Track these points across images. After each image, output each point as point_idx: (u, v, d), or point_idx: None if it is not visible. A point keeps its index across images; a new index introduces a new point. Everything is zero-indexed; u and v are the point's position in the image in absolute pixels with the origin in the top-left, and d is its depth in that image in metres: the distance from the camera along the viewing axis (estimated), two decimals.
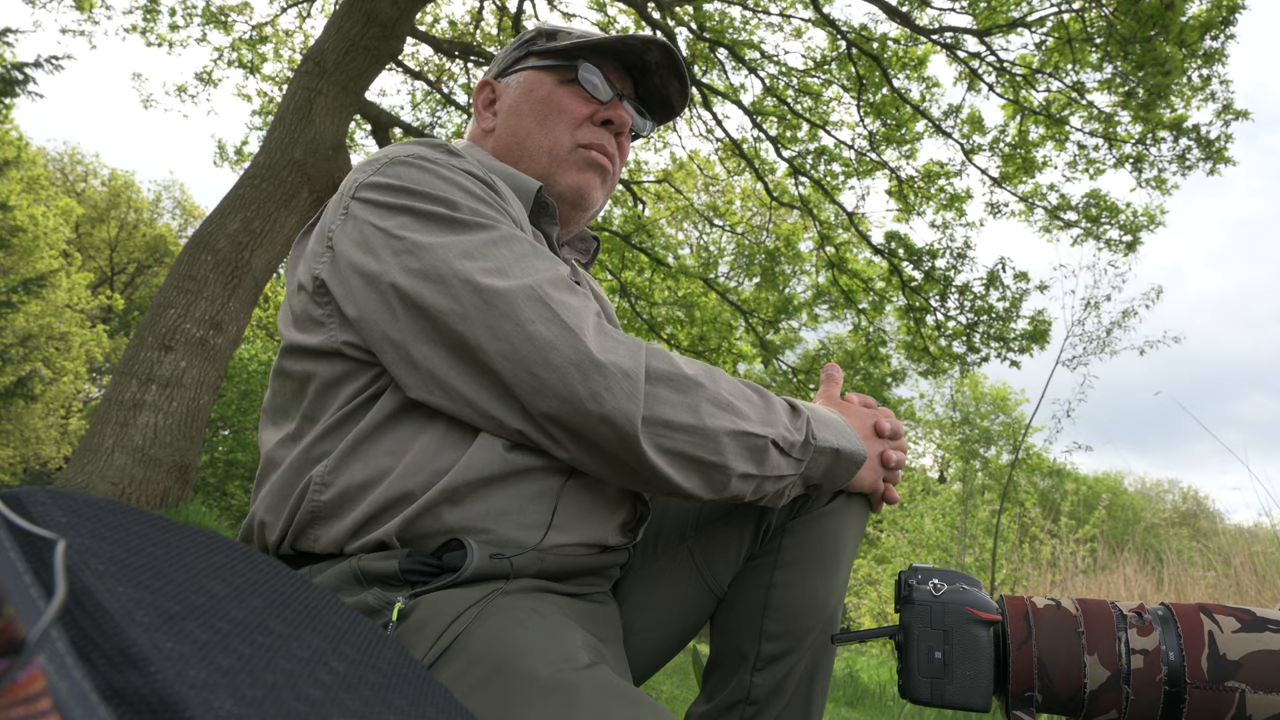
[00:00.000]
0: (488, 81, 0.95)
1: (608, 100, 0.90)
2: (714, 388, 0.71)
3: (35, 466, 14.82)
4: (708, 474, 0.70)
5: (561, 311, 0.68)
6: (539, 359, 0.66)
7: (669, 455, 0.68)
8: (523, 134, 0.89)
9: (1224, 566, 3.61)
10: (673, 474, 0.69)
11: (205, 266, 4.89)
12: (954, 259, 7.98)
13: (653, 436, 0.67)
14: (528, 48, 0.93)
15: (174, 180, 28.58)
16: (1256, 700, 0.53)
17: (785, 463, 0.74)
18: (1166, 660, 0.57)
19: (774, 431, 0.73)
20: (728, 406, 0.71)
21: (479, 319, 0.67)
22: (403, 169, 0.76)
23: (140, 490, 4.42)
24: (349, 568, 0.69)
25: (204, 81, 8.82)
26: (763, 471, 0.73)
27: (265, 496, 0.75)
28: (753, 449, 0.71)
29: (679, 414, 0.68)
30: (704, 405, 0.70)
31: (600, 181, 0.91)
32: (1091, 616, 0.62)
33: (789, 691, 0.84)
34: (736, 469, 0.71)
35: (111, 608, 0.29)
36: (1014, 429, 20.46)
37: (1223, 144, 6.51)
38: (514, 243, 0.72)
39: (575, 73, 0.89)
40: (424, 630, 0.63)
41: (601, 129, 0.90)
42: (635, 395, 0.66)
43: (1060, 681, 0.62)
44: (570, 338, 0.67)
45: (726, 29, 8.02)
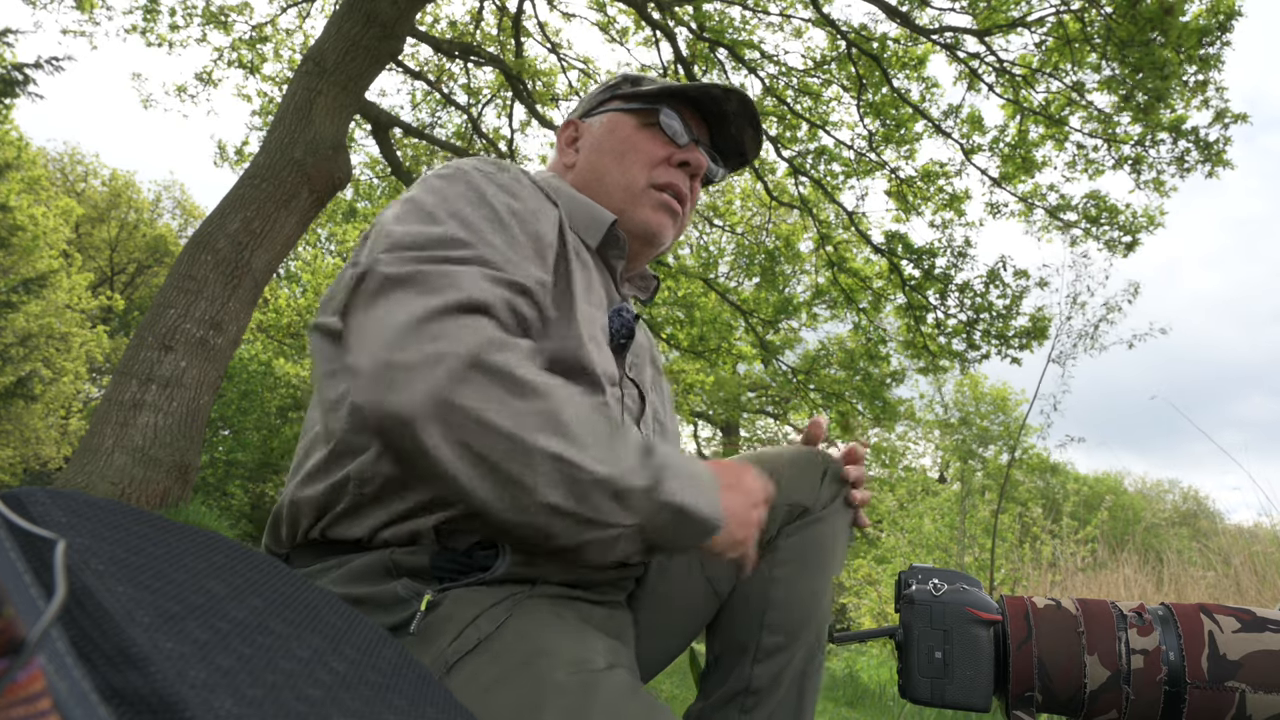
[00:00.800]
0: (572, 121, 1.00)
1: (685, 144, 0.94)
2: (554, 404, 0.63)
3: (35, 466, 14.82)
4: (509, 489, 0.62)
5: (418, 295, 0.65)
6: (357, 353, 0.64)
7: (466, 453, 0.60)
8: (602, 170, 0.93)
9: (1224, 566, 3.61)
10: (464, 474, 0.61)
11: (205, 266, 4.89)
12: (954, 258, 7.98)
13: (456, 428, 0.60)
14: (612, 92, 0.98)
15: (174, 180, 28.59)
16: (1257, 700, 0.53)
17: (615, 510, 0.64)
18: (1167, 660, 0.57)
19: (606, 470, 0.63)
20: (560, 429, 0.62)
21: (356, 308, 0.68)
22: (436, 179, 0.79)
23: (140, 490, 4.42)
24: (380, 559, 0.71)
25: (204, 81, 8.82)
26: (581, 511, 0.63)
27: (307, 478, 0.76)
28: (571, 481, 0.62)
29: (497, 415, 0.61)
30: (531, 416, 0.62)
31: (671, 222, 0.95)
32: (1092, 616, 0.62)
33: (784, 685, 0.88)
34: (545, 497, 0.62)
35: (111, 608, 0.29)
36: (1012, 429, 20.47)
37: (1221, 147, 6.51)
38: (454, 245, 0.70)
39: (656, 116, 0.93)
40: (450, 622, 0.67)
41: (677, 170, 0.94)
42: (432, 381, 0.60)
43: (1060, 681, 0.62)
44: (393, 322, 0.63)
45: (726, 29, 8.02)
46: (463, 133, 9.52)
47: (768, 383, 14.11)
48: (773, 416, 16.98)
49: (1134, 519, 13.41)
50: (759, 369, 12.07)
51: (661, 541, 0.68)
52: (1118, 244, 7.44)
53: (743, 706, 0.87)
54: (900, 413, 13.05)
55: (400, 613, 0.69)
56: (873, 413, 10.23)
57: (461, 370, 0.60)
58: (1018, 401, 20.93)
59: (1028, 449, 14.34)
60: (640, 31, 8.75)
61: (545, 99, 9.01)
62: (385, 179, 11.13)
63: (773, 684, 0.87)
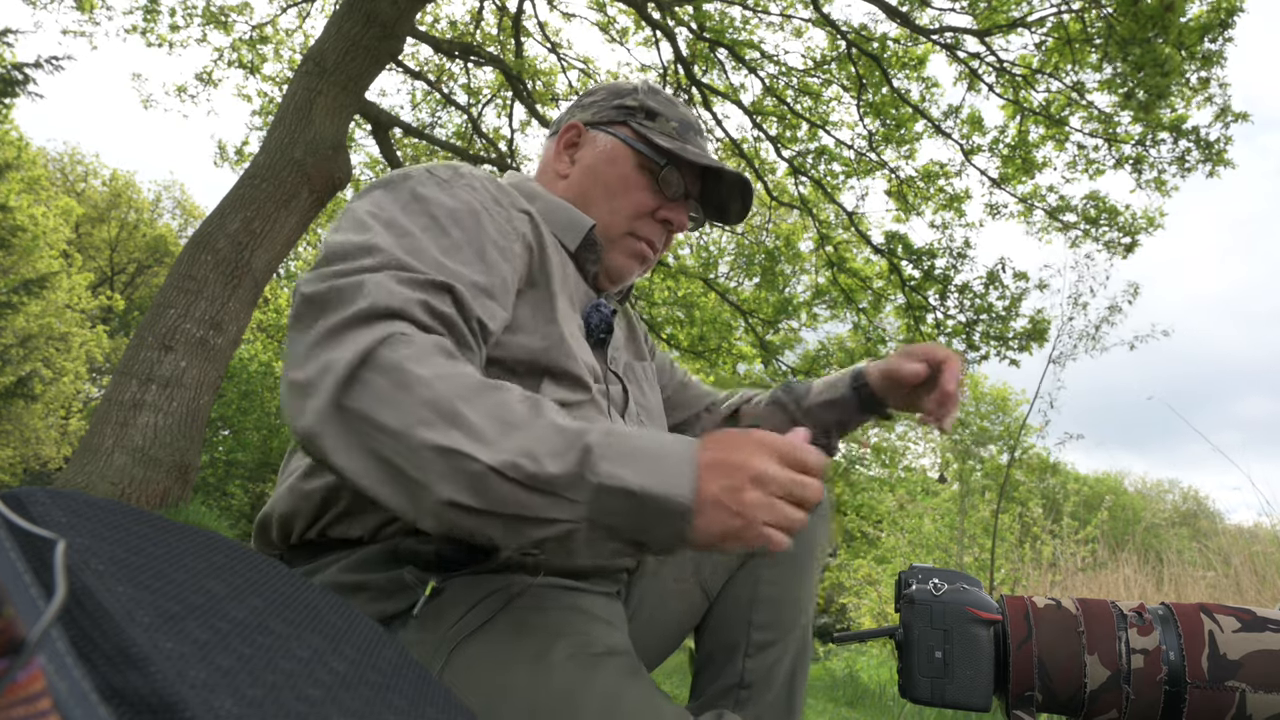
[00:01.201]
0: (576, 125, 0.98)
1: (674, 199, 0.95)
2: (444, 392, 0.58)
3: (35, 466, 14.82)
4: (409, 490, 0.57)
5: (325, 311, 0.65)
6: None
7: (366, 456, 0.58)
8: (590, 199, 0.94)
9: (1224, 566, 3.61)
10: (373, 483, 0.58)
11: (205, 266, 4.89)
12: (954, 258, 7.99)
13: (350, 431, 0.58)
14: (626, 114, 0.96)
15: (174, 180, 28.60)
16: (1257, 700, 0.53)
17: (542, 502, 0.57)
18: (1167, 660, 0.57)
19: (500, 457, 0.56)
20: (450, 416, 0.57)
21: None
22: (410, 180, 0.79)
23: (140, 490, 4.42)
24: (385, 548, 0.72)
25: (204, 82, 8.82)
26: (494, 507, 0.57)
27: (302, 479, 0.75)
28: (465, 474, 0.56)
29: (385, 412, 0.57)
30: (417, 408, 0.57)
31: (639, 268, 0.97)
32: (1092, 616, 0.62)
33: (777, 680, 0.91)
34: (441, 493, 0.56)
35: (111, 608, 0.29)
36: (1012, 429, 20.46)
37: (1222, 146, 6.51)
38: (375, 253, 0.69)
39: (659, 169, 0.93)
40: (453, 606, 0.68)
41: (658, 225, 0.95)
42: (324, 390, 0.58)
43: (1060, 681, 0.62)
44: (299, 342, 0.64)
45: (726, 29, 8.02)
46: (463, 133, 9.52)
47: (768, 383, 14.11)
48: None
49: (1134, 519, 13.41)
50: (759, 369, 12.07)
51: (628, 534, 0.59)
52: (1117, 245, 7.44)
53: (737, 699, 0.90)
54: None
55: (404, 599, 0.69)
56: None
57: (350, 373, 0.59)
58: (1018, 402, 20.94)
59: (1028, 449, 14.35)
60: (640, 31, 8.76)
61: (545, 99, 9.01)
62: None
63: (765, 678, 0.90)
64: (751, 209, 1.01)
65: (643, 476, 0.58)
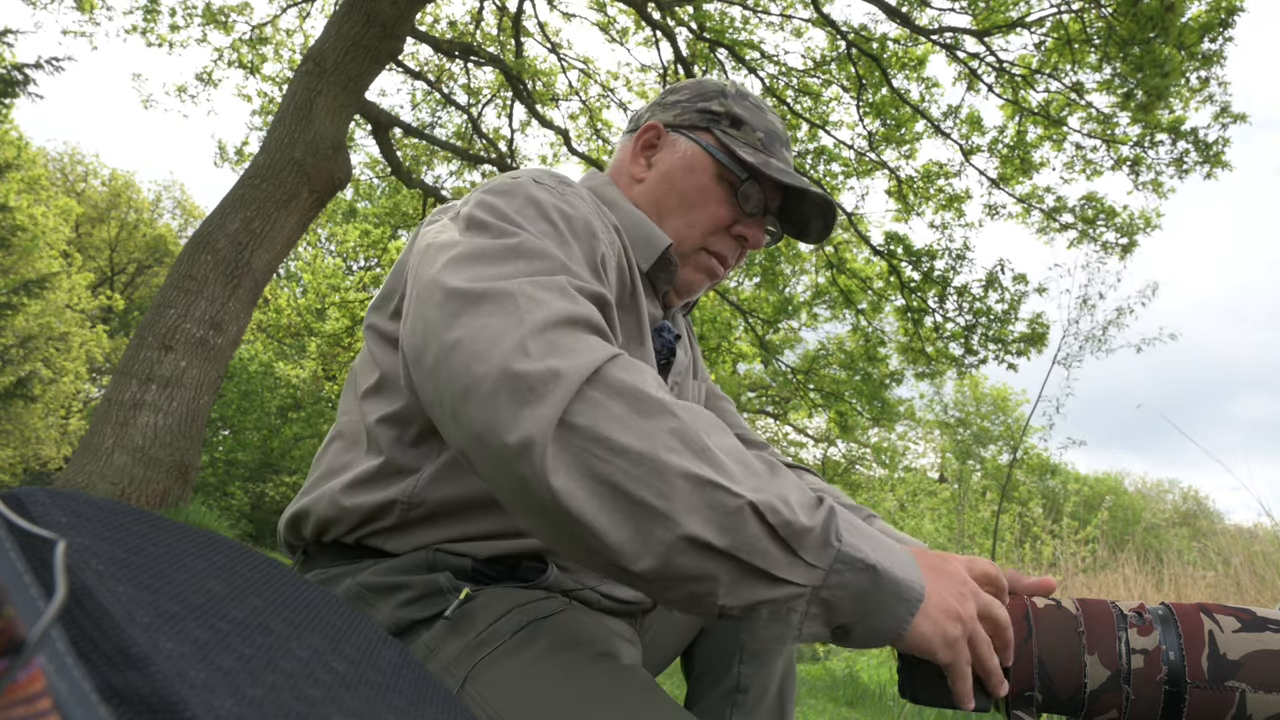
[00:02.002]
0: (656, 126, 0.92)
1: (752, 214, 0.90)
2: (690, 424, 0.53)
3: (35, 466, 14.82)
4: (644, 524, 0.51)
5: (522, 309, 0.57)
6: (460, 364, 0.56)
7: (592, 480, 0.51)
8: (665, 207, 0.89)
9: (1224, 566, 3.61)
10: (592, 512, 0.51)
11: (205, 266, 4.90)
12: (953, 260, 7.99)
13: (576, 452, 0.51)
14: (710, 120, 0.90)
15: (174, 180, 28.60)
16: (1257, 700, 0.53)
17: (782, 557, 0.52)
18: (1167, 660, 0.57)
19: (760, 496, 0.52)
20: (699, 450, 0.52)
21: (431, 314, 0.60)
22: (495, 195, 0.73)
23: (140, 490, 4.42)
24: (424, 555, 0.71)
25: (204, 82, 8.83)
26: (738, 550, 0.51)
27: (349, 488, 0.73)
28: (718, 508, 0.51)
29: (624, 434, 0.51)
30: (662, 435, 0.52)
31: (708, 283, 0.93)
32: (1092, 616, 0.62)
33: (772, 683, 0.94)
34: (686, 527, 0.50)
35: (111, 608, 0.29)
36: (1013, 429, 20.47)
37: (1220, 148, 6.51)
38: (529, 257, 0.64)
39: (739, 183, 0.88)
40: (485, 612, 0.67)
41: (733, 241, 0.91)
42: (552, 402, 0.51)
43: (1060, 681, 0.62)
44: (506, 336, 0.55)
45: (726, 29, 8.02)
46: (463, 133, 9.52)
47: (767, 383, 14.11)
48: (773, 416, 16.98)
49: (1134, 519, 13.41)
50: (759, 369, 12.06)
51: (848, 614, 0.53)
52: (1114, 246, 7.45)
53: (734, 703, 0.92)
54: (900, 413, 13.04)
55: (436, 603, 0.69)
56: (871, 413, 10.24)
57: (580, 388, 0.52)
58: (1018, 402, 20.95)
59: (1029, 449, 14.35)
60: (640, 31, 8.76)
61: (545, 99, 9.01)
62: (385, 179, 11.12)
63: (760, 684, 0.93)
64: (834, 231, 0.96)
65: (880, 555, 0.55)
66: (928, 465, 20.60)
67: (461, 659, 0.64)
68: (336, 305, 11.62)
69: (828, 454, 17.53)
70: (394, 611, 0.68)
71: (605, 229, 0.77)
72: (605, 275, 0.73)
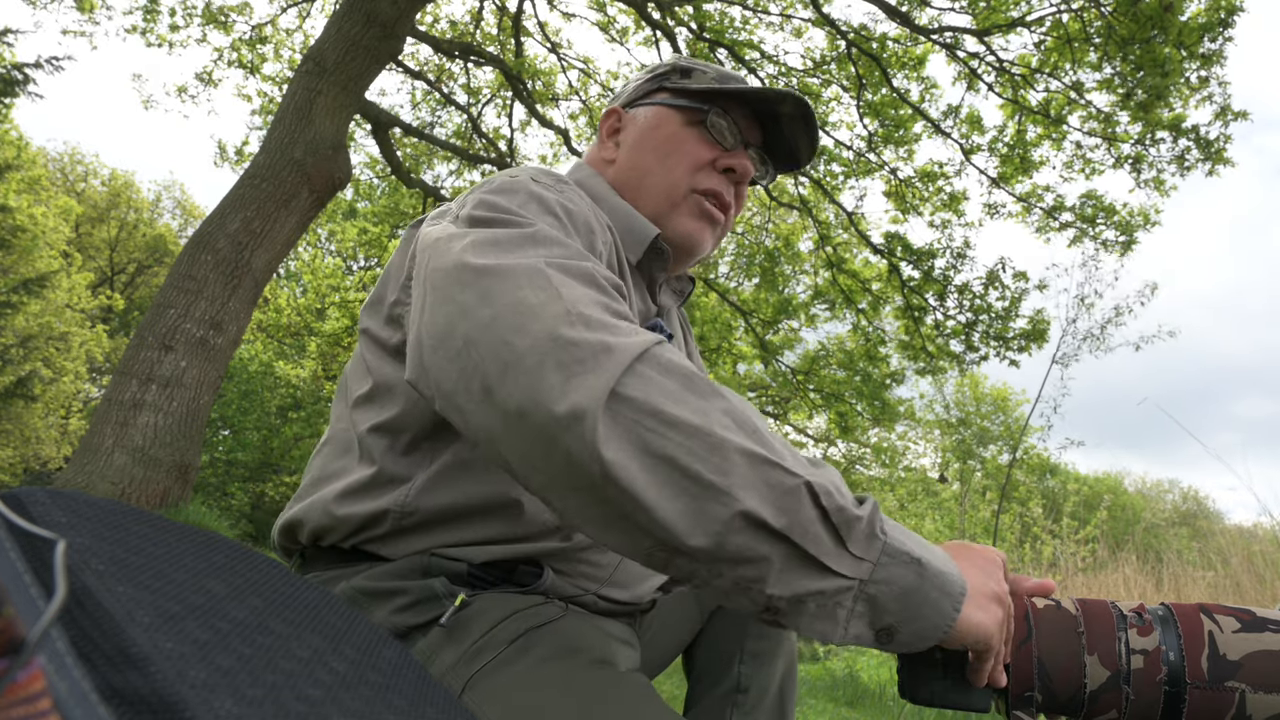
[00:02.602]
0: (615, 110, 0.93)
1: (732, 148, 0.88)
2: (740, 406, 0.53)
3: (35, 466, 14.82)
4: (700, 498, 0.49)
5: (558, 285, 0.56)
6: (498, 339, 0.53)
7: (646, 454, 0.49)
8: (643, 170, 0.88)
9: (1223, 566, 3.61)
10: (644, 485, 0.49)
11: (205, 266, 4.90)
12: (953, 259, 7.99)
13: (629, 424, 0.49)
14: (660, 82, 0.91)
15: (174, 180, 28.60)
16: (1256, 700, 0.53)
17: (832, 546, 0.50)
18: (1166, 660, 0.57)
19: (816, 478, 0.51)
20: (753, 430, 0.51)
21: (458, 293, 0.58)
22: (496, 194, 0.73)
23: (140, 490, 4.42)
24: (420, 560, 0.71)
25: (204, 82, 8.83)
26: (792, 532, 0.49)
27: (342, 497, 0.73)
28: (776, 486, 0.49)
29: (679, 408, 0.50)
30: (717, 413, 0.51)
31: (711, 230, 0.89)
32: (1092, 616, 0.62)
33: (770, 690, 0.93)
34: (744, 503, 0.48)
35: (111, 608, 0.29)
36: (1013, 429, 20.47)
37: (1222, 145, 6.51)
38: (548, 243, 0.63)
39: (704, 116, 0.87)
40: (481, 618, 0.67)
41: (721, 176, 0.88)
42: (605, 373, 0.50)
43: (1060, 682, 0.62)
44: (546, 309, 0.54)
45: (726, 29, 8.02)
46: (463, 132, 9.52)
47: (768, 383, 14.11)
48: (773, 416, 16.99)
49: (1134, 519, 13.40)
50: (759, 369, 12.06)
51: (896, 614, 0.52)
52: (1114, 244, 7.45)
53: (735, 704, 0.92)
54: (900, 413, 13.04)
55: (432, 609, 0.68)
56: (871, 413, 10.24)
57: (631, 362, 0.51)
58: (1018, 402, 20.95)
59: (1028, 449, 14.36)
60: (640, 31, 8.76)
61: (545, 99, 9.01)
62: (385, 179, 11.12)
63: (761, 685, 0.93)
64: (819, 141, 0.92)
65: (921, 549, 0.53)
66: (928, 465, 20.61)
67: (458, 668, 0.64)
68: (337, 305, 11.63)
69: (828, 454, 17.53)
70: (389, 617, 0.68)
71: (600, 226, 0.77)
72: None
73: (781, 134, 0.91)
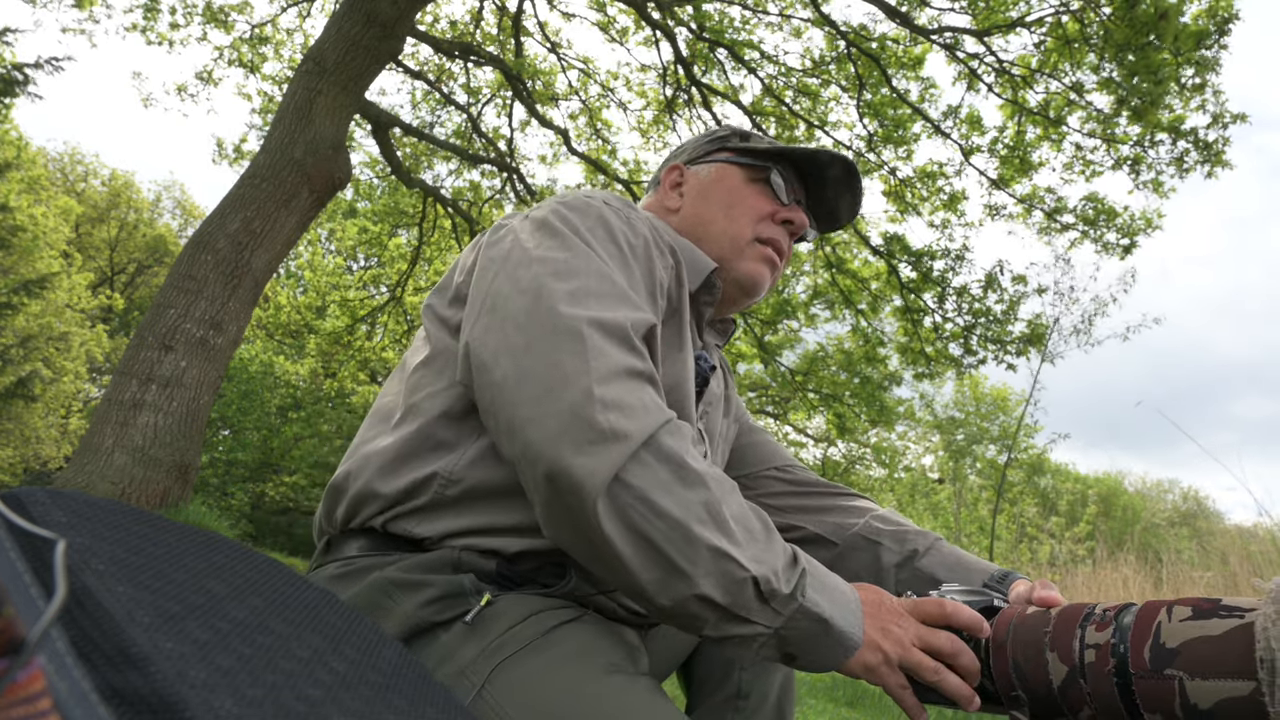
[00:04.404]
0: (677, 166, 1.02)
1: (789, 204, 0.97)
2: (717, 496, 0.64)
3: (35, 466, 14.81)
4: (669, 575, 0.62)
5: (590, 356, 0.65)
6: (531, 392, 0.64)
7: (634, 534, 0.61)
8: (708, 218, 0.96)
9: (1222, 566, 3.61)
10: (629, 555, 0.61)
11: (205, 266, 4.90)
12: (952, 261, 7.99)
13: (623, 507, 0.61)
14: (721, 144, 1.00)
15: (174, 180, 28.59)
16: (1195, 687, 0.53)
17: (760, 610, 0.64)
18: (1115, 652, 0.57)
19: (760, 569, 0.63)
20: (721, 523, 0.63)
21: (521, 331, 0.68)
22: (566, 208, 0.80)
23: (140, 490, 4.42)
24: (449, 554, 0.73)
25: (204, 81, 8.82)
26: (731, 606, 0.63)
27: (389, 466, 0.75)
28: (728, 578, 0.62)
29: (665, 500, 0.61)
30: (697, 507, 0.62)
31: (770, 274, 0.97)
32: (1061, 616, 0.64)
33: (770, 696, 0.97)
34: (701, 587, 0.61)
35: (111, 608, 0.29)
36: (1011, 430, 20.46)
37: (1220, 148, 6.51)
38: (597, 296, 0.71)
39: (765, 174, 0.96)
40: (504, 617, 0.69)
41: (779, 227, 0.97)
42: (613, 457, 0.61)
43: (1034, 680, 0.63)
44: (575, 381, 0.63)
45: (726, 29, 8.02)
46: (462, 132, 9.52)
47: (767, 383, 14.11)
48: (773, 416, 16.98)
49: (1134, 519, 13.40)
50: (759, 369, 12.06)
51: (798, 650, 0.66)
52: (1115, 246, 7.44)
53: (736, 709, 0.95)
54: (899, 414, 13.03)
55: (458, 605, 0.70)
56: (870, 415, 10.24)
57: (638, 450, 0.62)
58: (1018, 402, 20.95)
59: (1026, 449, 14.37)
60: (640, 31, 8.76)
61: (545, 99, 9.01)
62: (385, 178, 11.12)
63: (760, 691, 0.96)
64: (861, 201, 1.02)
65: (834, 608, 0.66)
66: (927, 465, 20.61)
67: (478, 663, 0.66)
68: (337, 304, 11.62)
69: (828, 454, 17.53)
70: (416, 610, 0.69)
71: (662, 252, 0.83)
72: (660, 296, 0.80)
73: (826, 195, 1.01)
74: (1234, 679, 0.51)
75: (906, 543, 0.95)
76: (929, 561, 0.92)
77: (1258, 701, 0.50)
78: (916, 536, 0.95)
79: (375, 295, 12.10)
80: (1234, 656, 0.52)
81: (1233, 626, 0.53)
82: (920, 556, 0.93)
